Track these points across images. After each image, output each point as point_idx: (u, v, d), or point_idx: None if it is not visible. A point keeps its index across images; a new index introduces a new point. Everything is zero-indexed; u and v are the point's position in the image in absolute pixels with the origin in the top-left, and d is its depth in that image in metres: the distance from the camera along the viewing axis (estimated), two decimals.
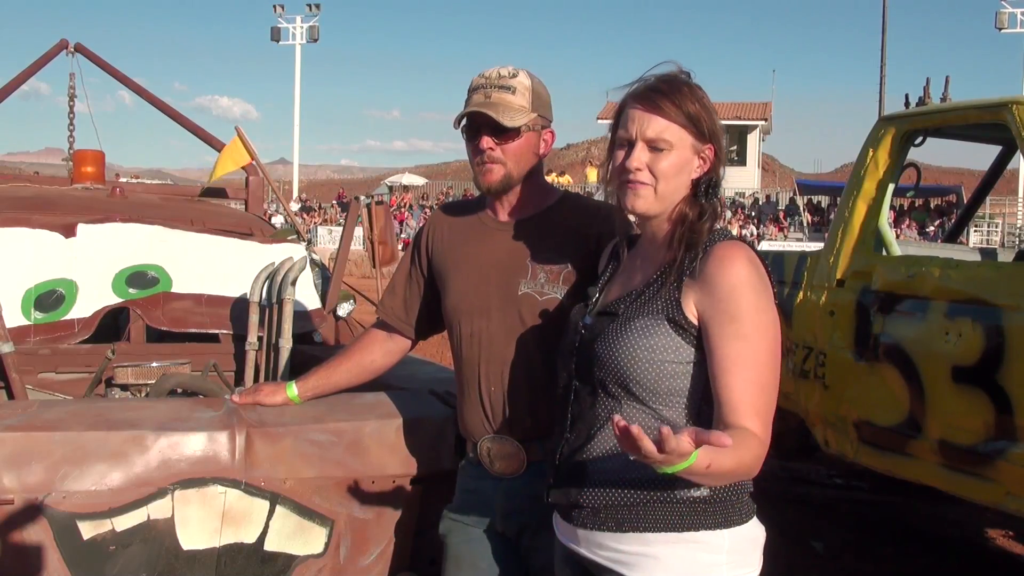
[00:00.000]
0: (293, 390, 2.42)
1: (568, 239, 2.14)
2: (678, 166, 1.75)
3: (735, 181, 34.01)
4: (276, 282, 3.38)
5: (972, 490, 3.53)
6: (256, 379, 3.31)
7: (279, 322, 3.28)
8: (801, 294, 4.42)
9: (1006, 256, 5.14)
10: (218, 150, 5.00)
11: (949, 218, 25.31)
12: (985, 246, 20.28)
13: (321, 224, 31.95)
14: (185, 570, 2.20)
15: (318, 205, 38.88)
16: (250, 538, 2.23)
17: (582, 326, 1.85)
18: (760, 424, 1.62)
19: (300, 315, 3.45)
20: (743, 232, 26.56)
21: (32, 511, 2.10)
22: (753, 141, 38.48)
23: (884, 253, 4.20)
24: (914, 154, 4.43)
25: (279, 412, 2.37)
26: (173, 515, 2.17)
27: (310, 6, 40.48)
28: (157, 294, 3.54)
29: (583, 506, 1.75)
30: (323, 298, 3.82)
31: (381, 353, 2.43)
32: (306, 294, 3.67)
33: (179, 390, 3.04)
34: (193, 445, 2.21)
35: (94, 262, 3.52)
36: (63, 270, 3.46)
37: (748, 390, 1.63)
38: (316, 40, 40.40)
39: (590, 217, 2.17)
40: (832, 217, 6.11)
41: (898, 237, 4.75)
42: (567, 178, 38.25)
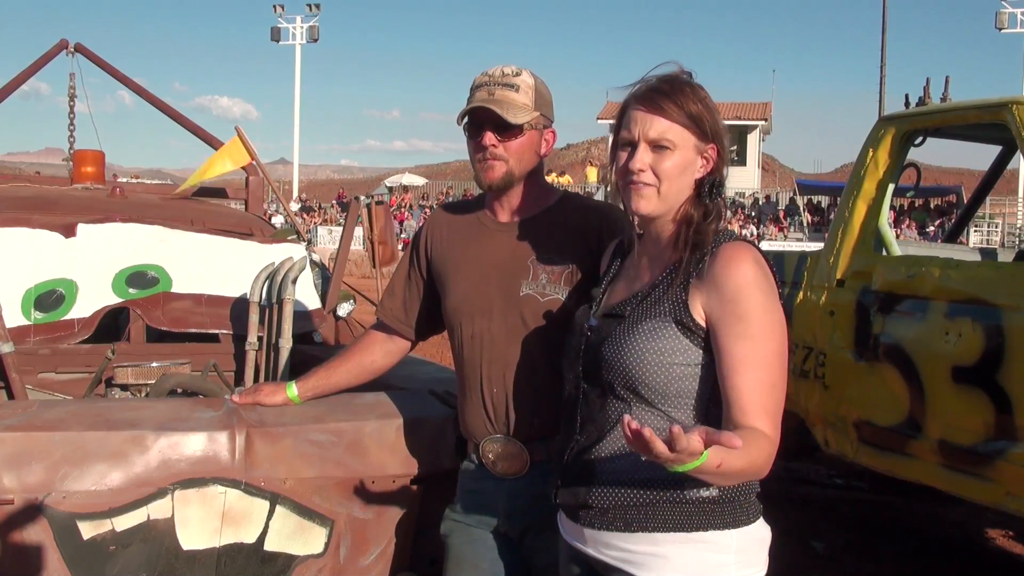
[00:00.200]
0: (293, 390, 2.42)
1: (569, 239, 2.14)
2: (681, 166, 1.75)
3: (735, 181, 33.96)
4: (276, 282, 3.38)
5: (972, 490, 3.53)
6: (256, 379, 3.31)
7: (279, 322, 3.28)
8: (801, 294, 4.42)
9: (1006, 256, 5.14)
10: (218, 150, 4.99)
11: (949, 218, 25.31)
12: (985, 246, 20.28)
13: (321, 224, 31.94)
14: (185, 570, 2.20)
15: (318, 205, 38.89)
16: (250, 538, 2.23)
17: (587, 328, 1.83)
18: (770, 424, 1.62)
19: (300, 315, 3.45)
20: (743, 232, 26.54)
21: (32, 511, 2.10)
22: (753, 141, 38.43)
23: (884, 253, 4.20)
24: (914, 154, 4.43)
25: (279, 412, 2.37)
26: (173, 515, 2.17)
27: (310, 6, 40.51)
28: (157, 294, 3.53)
29: (592, 506, 1.75)
30: (323, 298, 3.82)
31: (381, 354, 2.43)
32: (306, 294, 3.67)
33: (179, 390, 3.04)
34: (193, 445, 2.21)
35: (94, 262, 3.51)
36: (63, 270, 3.46)
37: (757, 390, 1.62)
38: (316, 40, 40.45)
39: (591, 217, 2.17)
40: (832, 217, 6.11)
41: (898, 237, 4.74)
42: (567, 178, 38.26)
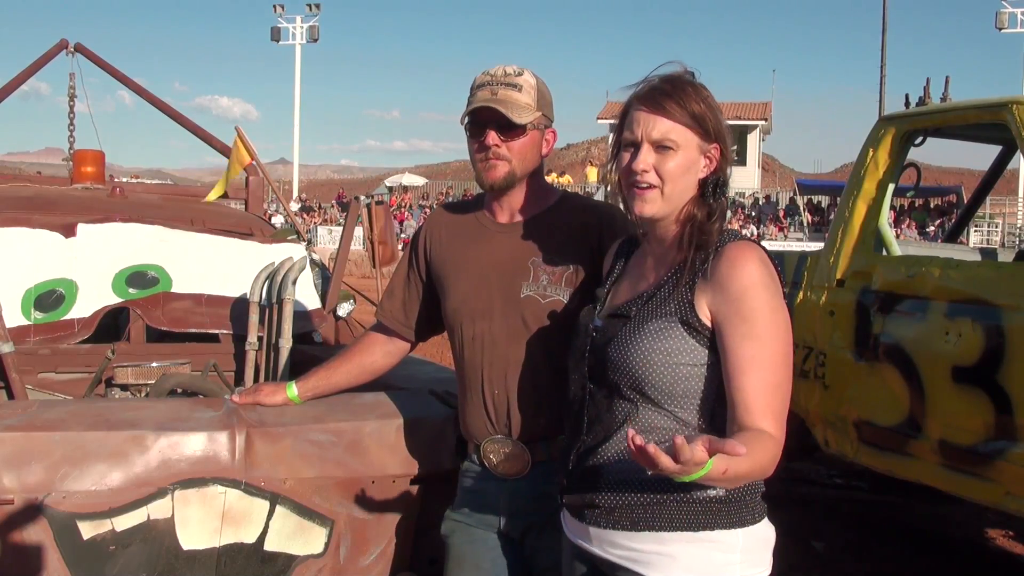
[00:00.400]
0: (293, 390, 2.41)
1: (569, 240, 2.14)
2: (684, 167, 1.74)
3: (735, 181, 33.16)
4: (276, 282, 3.38)
5: (972, 490, 3.53)
6: (256, 379, 3.31)
7: (279, 322, 3.28)
8: (801, 294, 4.42)
9: (1006, 256, 5.14)
10: (218, 150, 5.00)
11: (949, 218, 25.31)
12: (985, 246, 20.27)
13: (321, 224, 31.94)
14: (185, 570, 2.19)
15: (318, 205, 38.89)
16: (250, 538, 2.23)
17: (592, 328, 1.83)
18: (775, 424, 1.62)
19: (300, 315, 3.45)
20: (743, 232, 26.52)
21: (32, 511, 2.10)
22: (753, 141, 38.42)
23: (884, 253, 4.20)
24: (914, 154, 4.43)
25: (279, 412, 2.36)
26: (173, 515, 2.17)
27: (310, 6, 40.51)
28: (157, 294, 3.53)
29: (598, 505, 1.75)
30: (323, 298, 3.82)
31: (381, 354, 2.43)
32: (306, 294, 3.67)
33: (179, 390, 3.04)
34: (193, 445, 2.20)
35: (94, 262, 3.51)
36: (63, 270, 3.46)
37: (762, 390, 1.62)
38: (316, 40, 40.44)
39: (591, 217, 2.17)
40: (832, 217, 6.10)
41: (898, 237, 4.74)
42: (567, 178, 38.22)
